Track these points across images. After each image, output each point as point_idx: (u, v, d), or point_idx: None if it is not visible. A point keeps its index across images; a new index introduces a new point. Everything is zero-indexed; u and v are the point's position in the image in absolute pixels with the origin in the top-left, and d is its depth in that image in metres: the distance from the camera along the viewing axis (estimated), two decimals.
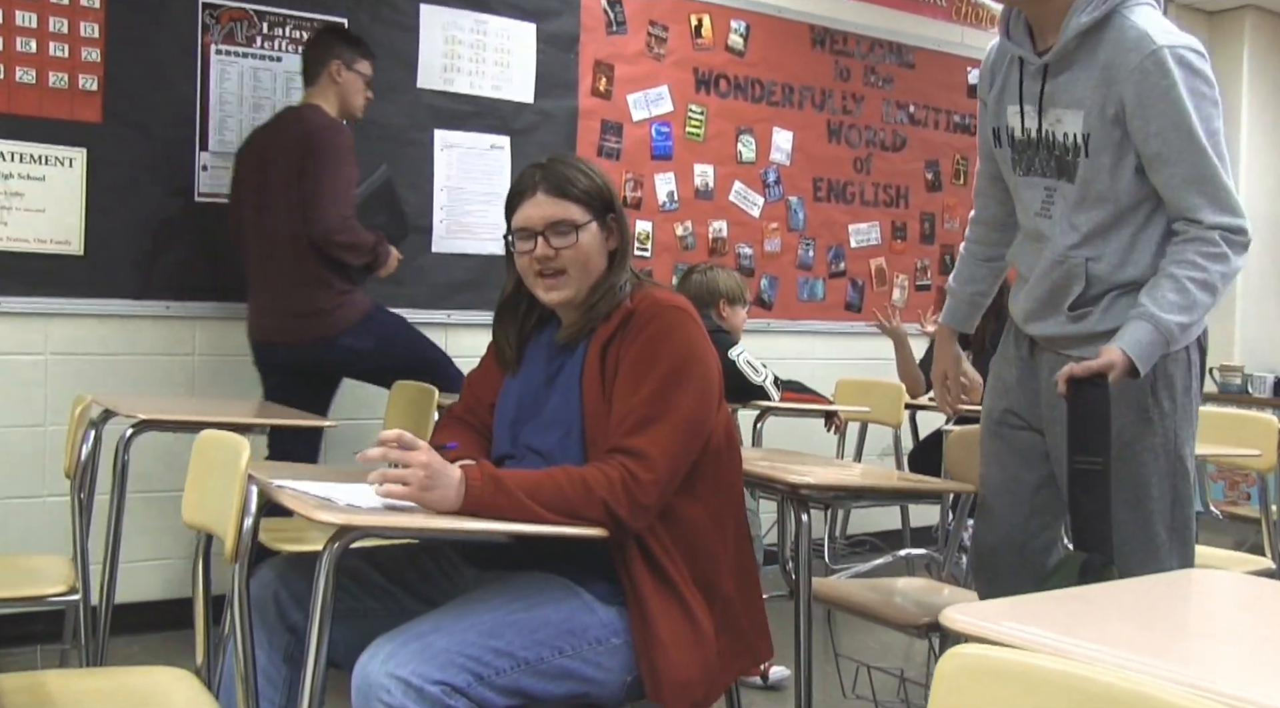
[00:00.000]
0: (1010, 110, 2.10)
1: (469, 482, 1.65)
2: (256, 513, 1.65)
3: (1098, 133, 1.93)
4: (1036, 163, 2.06)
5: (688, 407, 1.81)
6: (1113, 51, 1.90)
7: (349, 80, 3.48)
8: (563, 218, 1.89)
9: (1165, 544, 2.00)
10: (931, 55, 5.39)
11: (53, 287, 3.44)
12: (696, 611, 1.82)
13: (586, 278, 1.91)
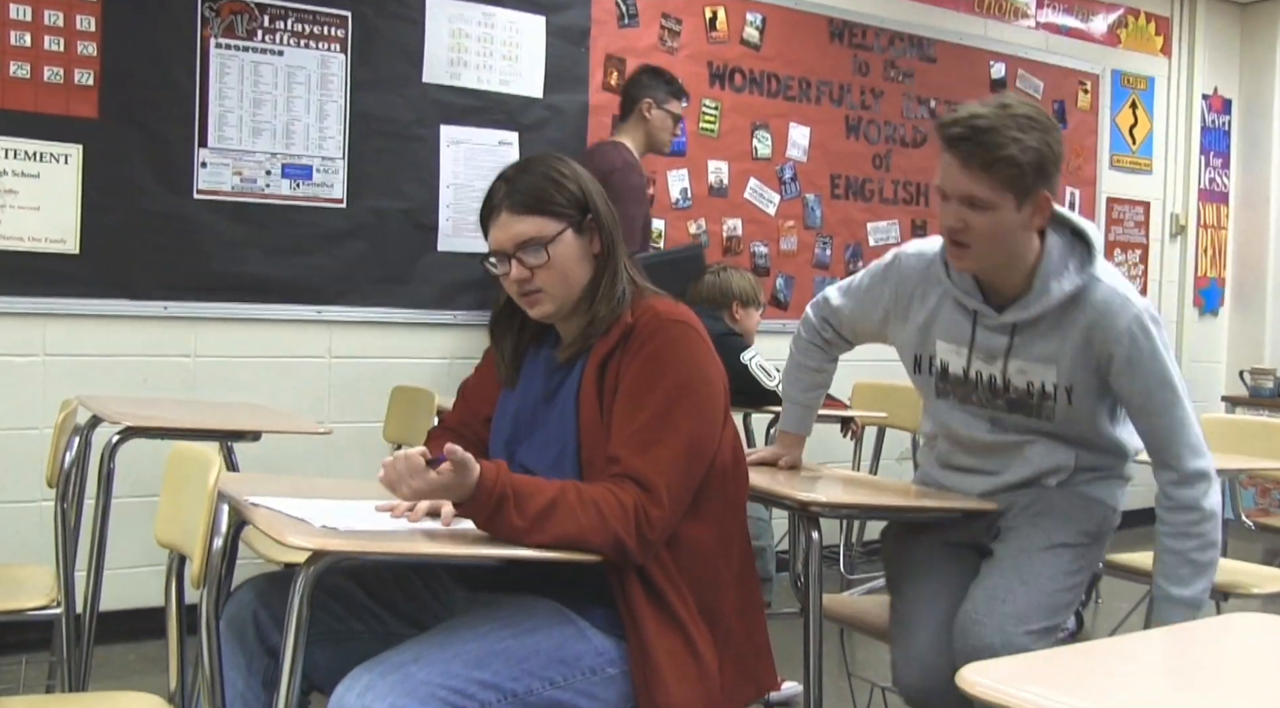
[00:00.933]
0: (944, 347, 2.15)
1: (477, 492, 1.55)
2: (228, 533, 1.55)
3: (1081, 385, 2.05)
4: (975, 397, 2.15)
5: (691, 429, 1.70)
6: (1096, 315, 2.01)
7: (658, 118, 3.82)
8: (531, 236, 1.77)
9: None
10: (953, 49, 5.25)
11: (48, 286, 3.36)
12: (699, 642, 1.71)
13: (568, 291, 1.80)
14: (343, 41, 3.76)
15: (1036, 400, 2.08)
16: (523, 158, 1.86)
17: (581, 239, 1.80)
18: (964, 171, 1.91)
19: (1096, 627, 4.16)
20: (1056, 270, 2.01)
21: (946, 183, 1.95)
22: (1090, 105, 5.76)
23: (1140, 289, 6.02)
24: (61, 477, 2.38)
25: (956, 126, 1.90)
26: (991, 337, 2.09)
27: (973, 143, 1.89)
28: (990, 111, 1.91)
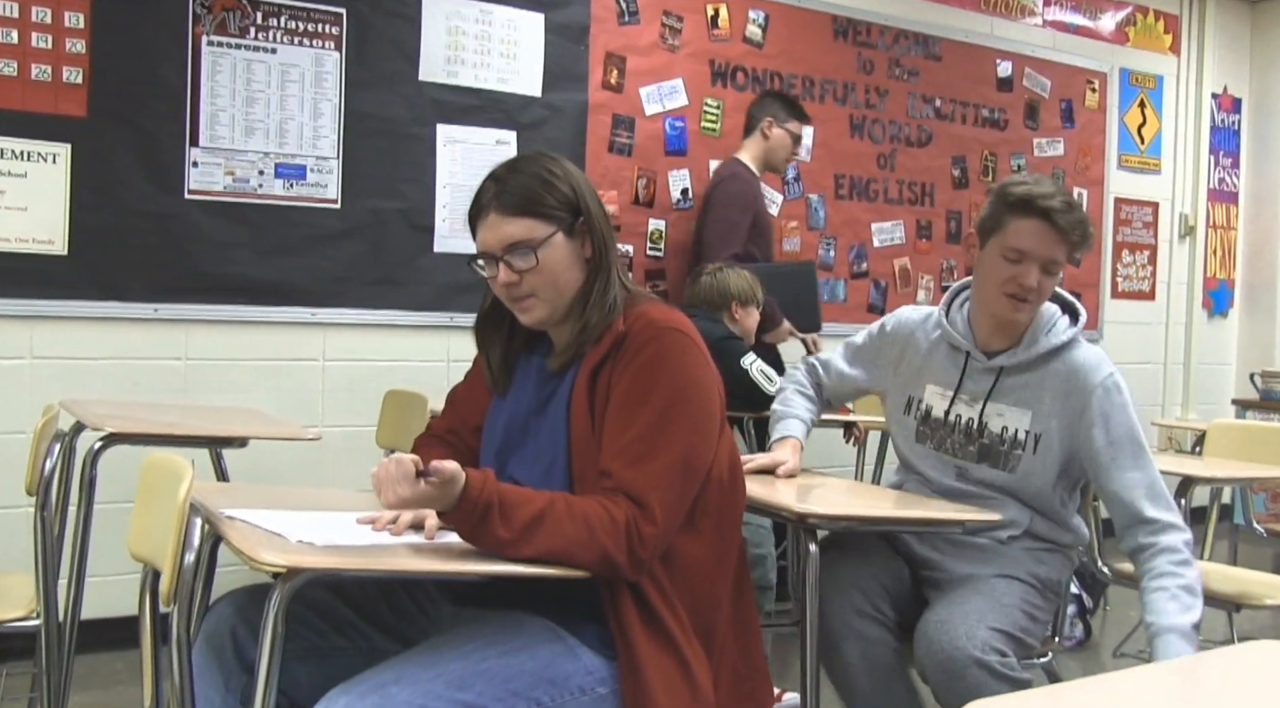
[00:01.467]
0: (933, 390, 2.30)
1: (460, 503, 1.49)
2: (200, 547, 1.48)
3: (1050, 436, 2.18)
4: (949, 443, 2.26)
5: (685, 441, 1.63)
6: (1075, 369, 2.18)
7: (777, 137, 4.11)
8: (521, 239, 1.70)
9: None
10: (959, 47, 5.17)
11: (35, 288, 3.30)
12: (693, 662, 1.64)
13: (559, 295, 1.73)
14: (337, 39, 3.70)
15: (1006, 448, 2.21)
16: (514, 157, 1.78)
17: (573, 242, 1.73)
18: (1057, 239, 2.12)
19: (1105, 634, 4.09)
20: (1047, 326, 2.22)
21: (1034, 247, 2.11)
22: (1098, 104, 5.68)
23: (1149, 290, 5.96)
24: (41, 484, 2.31)
25: (1056, 199, 2.11)
26: (978, 378, 2.25)
27: (1072, 217, 2.11)
28: (1070, 199, 2.16)
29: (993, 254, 2.16)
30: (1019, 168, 5.39)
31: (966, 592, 2.06)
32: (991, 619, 1.98)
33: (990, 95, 5.28)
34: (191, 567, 1.45)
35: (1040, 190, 2.12)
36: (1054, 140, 5.51)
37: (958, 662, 1.90)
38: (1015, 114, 5.37)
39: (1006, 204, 2.13)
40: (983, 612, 1.99)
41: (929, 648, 1.94)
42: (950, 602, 2.03)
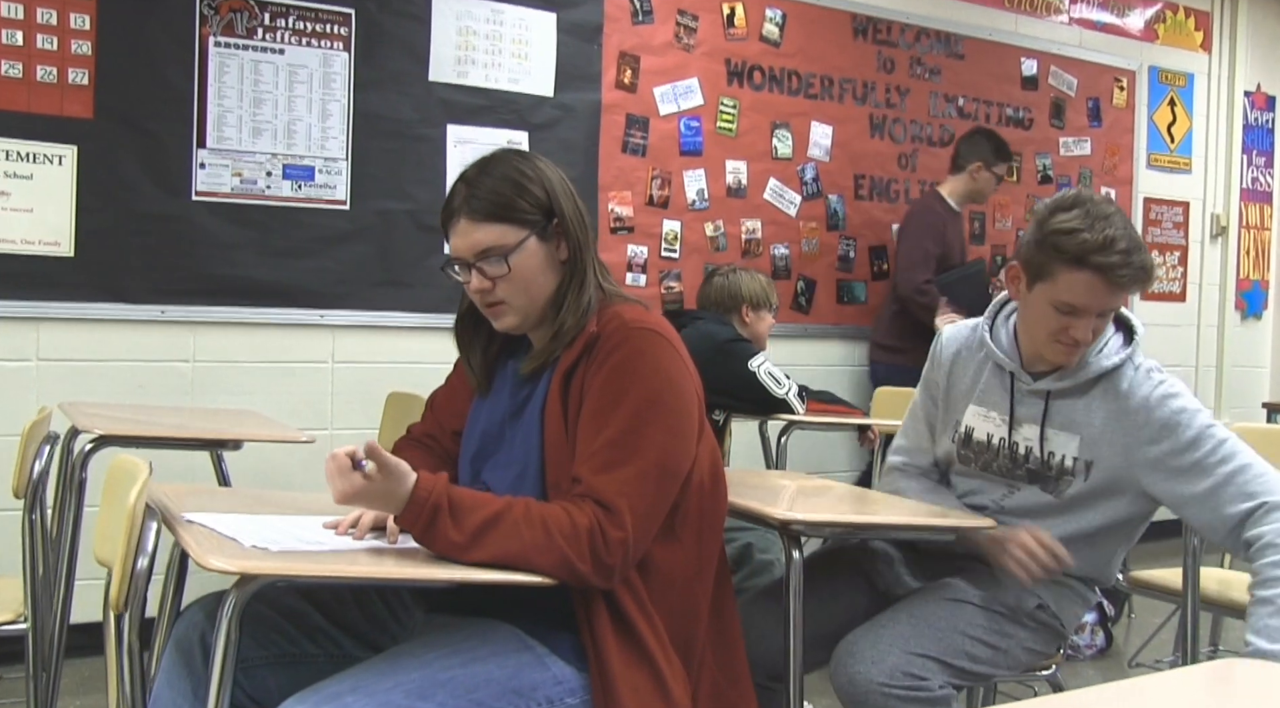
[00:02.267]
0: (974, 412, 2.14)
1: (409, 505, 1.46)
2: (154, 551, 1.45)
3: (1103, 463, 2.01)
4: (995, 466, 2.13)
5: (660, 445, 1.57)
6: (1128, 391, 2.00)
7: (984, 180, 4.47)
8: (491, 245, 1.65)
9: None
10: (983, 45, 5.08)
11: (41, 290, 3.30)
12: (669, 677, 1.58)
13: (531, 301, 1.68)
14: (346, 39, 3.68)
15: (1055, 474, 2.06)
16: (485, 156, 1.73)
17: (546, 246, 1.68)
18: (1114, 291, 1.95)
19: (1129, 643, 3.99)
20: (1099, 345, 2.03)
21: (1089, 303, 1.94)
22: (1126, 103, 5.56)
23: (1179, 292, 5.82)
24: (30, 486, 2.29)
25: (1115, 252, 1.90)
26: (1028, 402, 2.09)
27: (1133, 270, 1.92)
28: (1129, 235, 1.94)
29: (1041, 301, 1.96)
30: (1044, 168, 5.28)
31: (897, 613, 1.97)
32: (913, 644, 1.89)
33: (1015, 94, 5.18)
34: (144, 572, 1.42)
35: (1096, 240, 1.88)
36: (1080, 139, 5.39)
37: (859, 686, 1.84)
38: (1041, 113, 5.26)
39: (1057, 252, 1.91)
40: (904, 636, 1.90)
41: (835, 672, 1.89)
42: (871, 625, 1.95)
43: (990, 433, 2.12)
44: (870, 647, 1.90)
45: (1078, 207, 1.92)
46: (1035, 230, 1.97)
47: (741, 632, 1.79)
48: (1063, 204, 1.95)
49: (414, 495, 1.44)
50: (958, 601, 2.02)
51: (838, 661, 1.92)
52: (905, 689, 1.84)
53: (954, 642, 1.95)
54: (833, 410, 3.50)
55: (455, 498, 1.47)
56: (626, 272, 4.24)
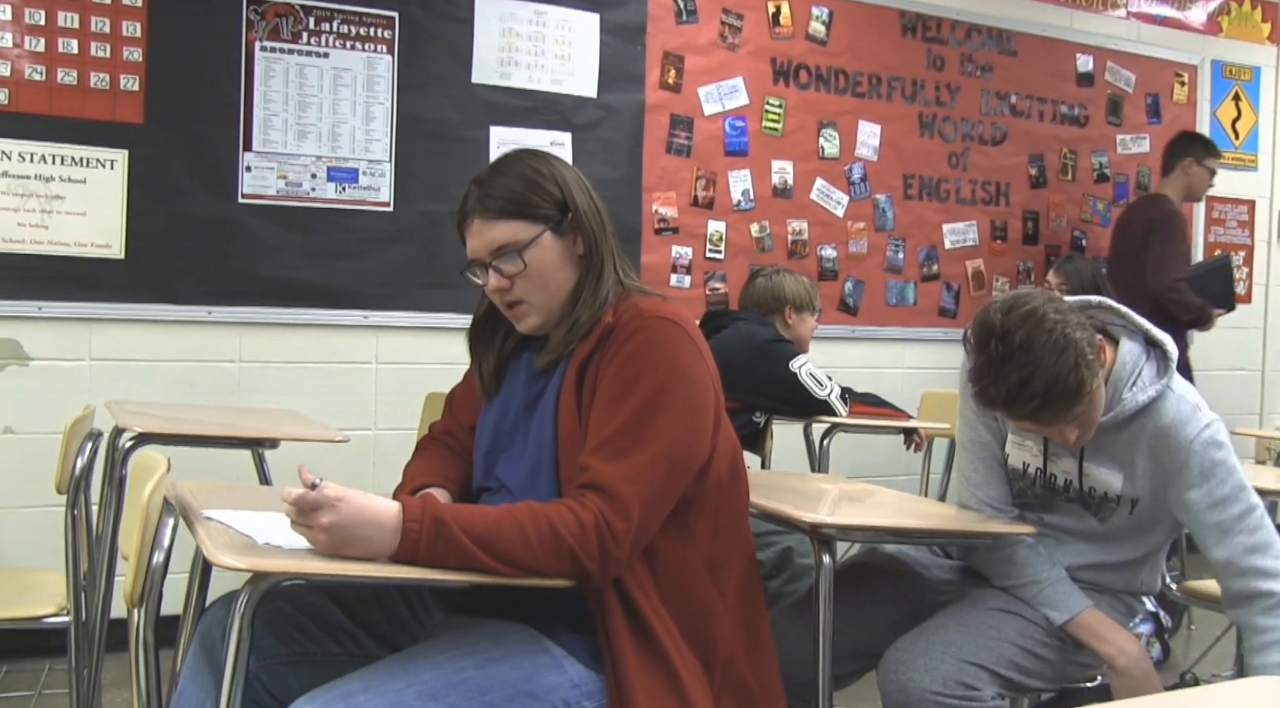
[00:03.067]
0: (1012, 440, 2.07)
1: (406, 524, 1.43)
2: (171, 547, 1.46)
3: (1147, 499, 1.97)
4: (1030, 493, 2.08)
5: (670, 435, 1.55)
6: (1166, 427, 1.92)
7: (1197, 175, 4.62)
8: (506, 242, 1.64)
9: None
10: (1036, 41, 4.99)
11: (94, 291, 3.37)
12: (686, 678, 1.56)
13: (551, 298, 1.67)
14: (390, 43, 3.71)
15: (1098, 502, 2.02)
16: (497, 158, 1.73)
17: (562, 241, 1.67)
18: (1044, 427, 1.90)
19: (1188, 656, 3.88)
20: (1129, 380, 1.94)
21: (1033, 431, 1.94)
22: (1187, 98, 5.42)
23: (1244, 293, 5.66)
24: (72, 483, 2.34)
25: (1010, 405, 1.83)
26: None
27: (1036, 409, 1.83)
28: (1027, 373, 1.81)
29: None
30: (1100, 166, 5.17)
31: (947, 620, 1.92)
32: (966, 652, 1.84)
33: (1070, 91, 5.07)
34: (160, 567, 1.43)
35: (991, 394, 1.82)
36: (1139, 137, 5.27)
37: (911, 694, 1.79)
38: (1097, 110, 5.15)
39: (977, 397, 1.87)
40: (956, 644, 1.85)
41: (884, 678, 1.84)
42: (922, 631, 1.90)
43: (1026, 462, 2.05)
44: (922, 654, 1.86)
45: (981, 353, 1.84)
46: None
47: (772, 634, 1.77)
48: (974, 343, 1.86)
49: (406, 514, 1.42)
50: (1007, 611, 1.97)
51: (887, 668, 1.88)
52: (958, 699, 1.80)
53: (1004, 652, 1.90)
54: (877, 413, 3.46)
55: (453, 509, 1.46)
56: (671, 273, 4.23)
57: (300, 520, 1.41)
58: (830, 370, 3.48)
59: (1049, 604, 1.96)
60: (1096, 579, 2.06)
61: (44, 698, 2.87)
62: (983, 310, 1.88)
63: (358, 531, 1.41)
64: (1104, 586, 2.06)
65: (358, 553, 1.41)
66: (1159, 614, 3.73)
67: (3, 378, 3.31)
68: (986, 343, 1.82)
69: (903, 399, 4.32)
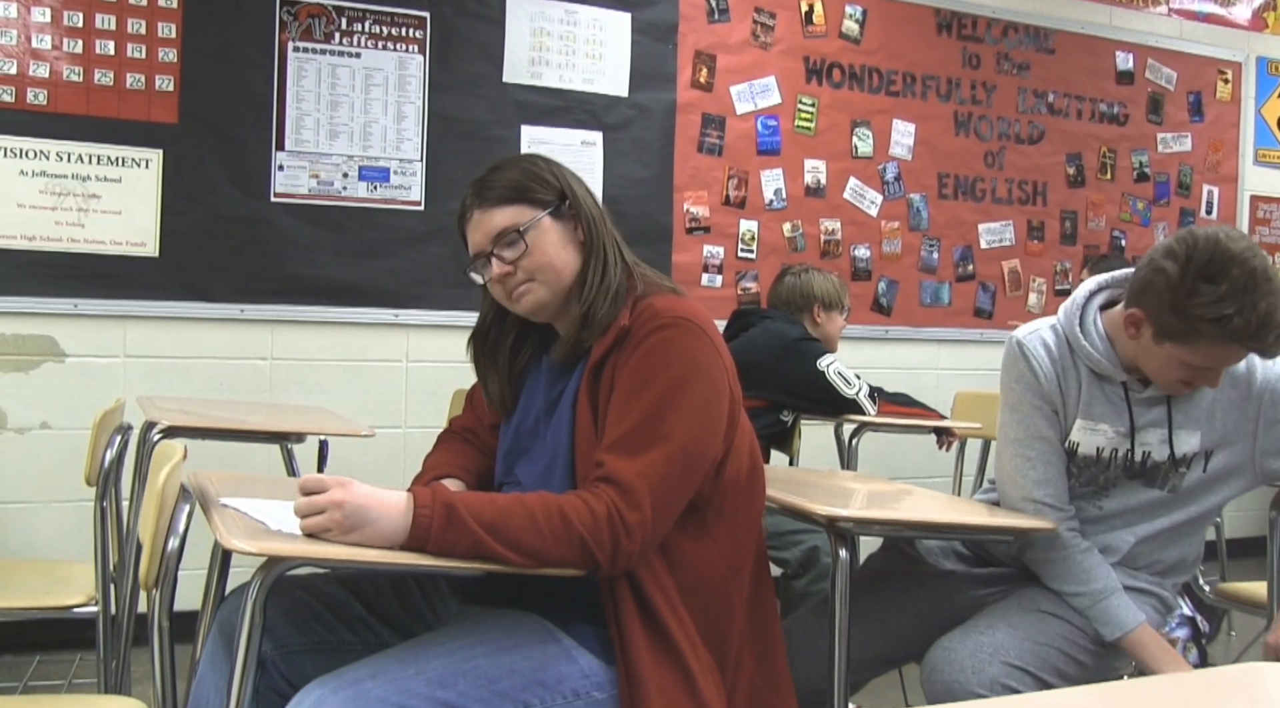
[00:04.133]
0: (1081, 426, 1.96)
1: (417, 510, 1.43)
2: (186, 533, 1.47)
3: (1225, 448, 1.93)
4: (1101, 478, 1.99)
5: (685, 432, 1.53)
6: (1243, 375, 1.91)
7: None
8: (505, 227, 1.64)
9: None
10: (1075, 39, 4.92)
11: (128, 289, 3.41)
12: (699, 675, 1.55)
13: (557, 278, 1.66)
14: (421, 43, 3.73)
15: (1167, 468, 1.94)
16: (495, 160, 1.74)
17: (563, 224, 1.67)
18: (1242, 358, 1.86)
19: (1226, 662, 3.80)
20: None
21: (1230, 363, 1.85)
22: (1231, 96, 5.33)
23: None
24: (101, 475, 2.37)
25: (1275, 334, 1.75)
26: (1148, 410, 1.94)
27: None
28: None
29: (1170, 356, 1.82)
30: (1140, 165, 5.09)
31: (995, 620, 1.88)
32: (1012, 655, 1.80)
33: (1109, 89, 5.00)
34: (175, 552, 1.44)
35: (1249, 324, 1.71)
36: (1180, 135, 5.19)
37: (957, 696, 1.75)
38: (1137, 108, 5.08)
39: (1199, 333, 1.75)
40: (1003, 646, 1.81)
41: (930, 677, 1.80)
42: (969, 630, 1.86)
43: (1100, 446, 1.96)
44: (970, 656, 1.81)
45: (1223, 279, 1.72)
46: (1170, 298, 1.76)
47: (781, 633, 1.75)
48: (1205, 271, 1.73)
49: (417, 501, 1.42)
50: (1054, 615, 1.92)
51: (934, 667, 1.84)
52: (999, 702, 1.77)
53: (1049, 657, 1.86)
54: (907, 412, 3.42)
55: (463, 496, 1.46)
56: (703, 272, 4.22)
57: (309, 506, 1.41)
58: (863, 371, 3.45)
59: (1101, 620, 1.90)
60: (1160, 556, 2.00)
61: (74, 687, 2.91)
62: (1205, 239, 1.75)
63: (369, 512, 1.41)
64: (1159, 562, 2.00)
65: (368, 537, 1.41)
66: (1196, 619, 3.65)
67: (39, 374, 3.36)
68: (1228, 270, 1.72)
69: (937, 401, 4.28)
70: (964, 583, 2.09)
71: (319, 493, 1.42)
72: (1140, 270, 1.84)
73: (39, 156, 3.31)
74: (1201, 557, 2.09)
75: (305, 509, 1.42)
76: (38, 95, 3.30)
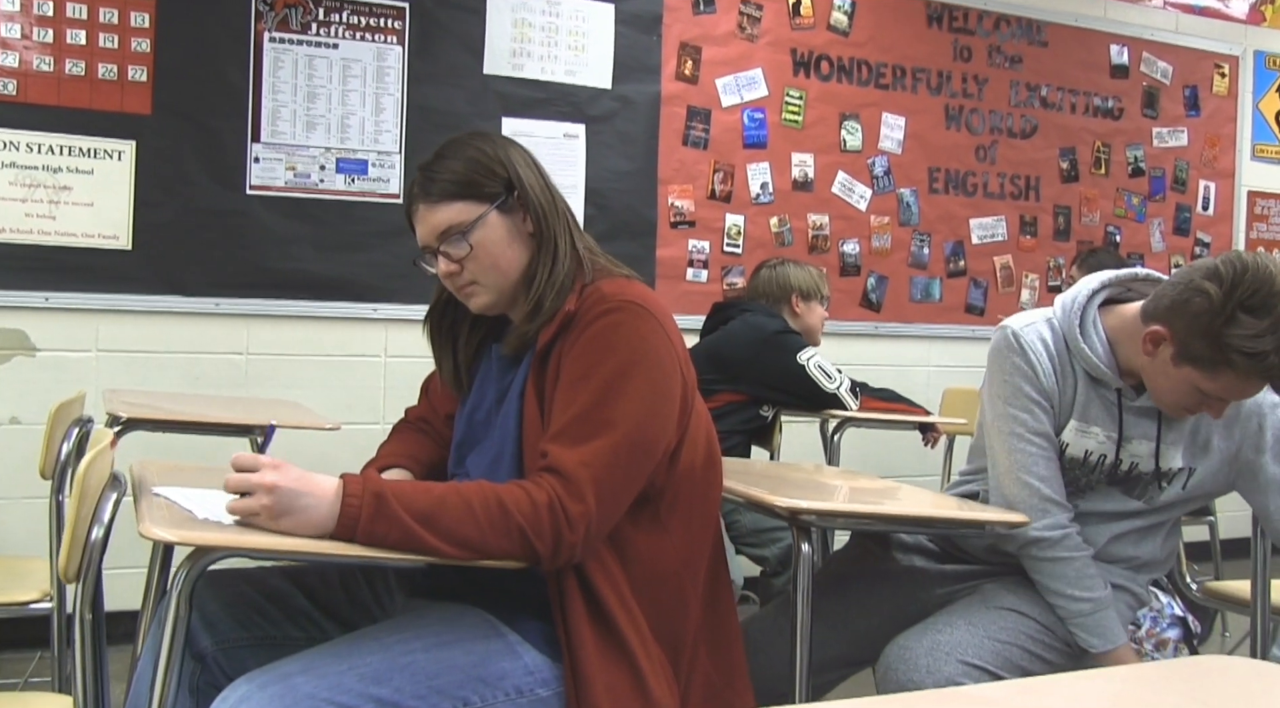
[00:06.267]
0: (1074, 427, 1.90)
1: (345, 499, 1.38)
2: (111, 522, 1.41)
3: (1203, 471, 1.91)
4: (1083, 481, 1.94)
5: (631, 419, 1.48)
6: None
7: None
8: (451, 225, 1.59)
9: None
10: (1068, 32, 4.86)
11: (101, 282, 3.36)
12: (649, 673, 1.49)
13: (502, 278, 1.61)
14: (400, 33, 3.68)
15: (1149, 480, 1.91)
16: (444, 142, 1.68)
17: (510, 219, 1.61)
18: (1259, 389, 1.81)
19: None
20: None
21: (1240, 397, 1.81)
22: (1228, 90, 5.26)
23: None
24: (57, 469, 2.31)
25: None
26: (1136, 418, 1.90)
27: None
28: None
29: (1185, 379, 1.75)
30: (1135, 160, 5.02)
31: (954, 617, 1.82)
32: (970, 653, 1.75)
33: (1103, 82, 4.94)
34: (99, 542, 1.39)
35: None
36: (1176, 130, 5.12)
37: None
38: (1132, 102, 5.01)
39: (1230, 364, 1.68)
40: (961, 644, 1.76)
41: (885, 676, 1.76)
42: (926, 628, 1.80)
43: (1089, 450, 1.91)
44: (926, 654, 1.77)
45: (1267, 314, 1.64)
46: (1205, 322, 1.69)
47: (739, 627, 1.70)
48: (1247, 302, 1.65)
49: (346, 489, 1.37)
50: (1019, 612, 1.87)
51: (889, 665, 1.79)
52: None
53: (1010, 655, 1.81)
54: (891, 408, 3.36)
55: (394, 485, 1.40)
56: (688, 267, 4.16)
57: (239, 484, 1.36)
58: (852, 368, 3.40)
59: (1094, 630, 1.84)
60: (1134, 552, 1.96)
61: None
62: (1256, 267, 1.67)
63: (299, 499, 1.35)
64: (1135, 558, 1.96)
65: (297, 525, 1.36)
66: (1187, 619, 3.59)
67: (9, 369, 3.31)
68: (1275, 304, 1.65)
69: (928, 398, 4.23)
70: (932, 581, 2.04)
71: (252, 472, 1.37)
72: (1174, 287, 1.75)
73: (9, 147, 3.26)
74: (1177, 553, 2.04)
75: (236, 485, 1.37)
76: (7, 85, 3.26)
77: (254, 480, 1.35)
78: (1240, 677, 0.88)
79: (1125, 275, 1.92)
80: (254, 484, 1.35)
